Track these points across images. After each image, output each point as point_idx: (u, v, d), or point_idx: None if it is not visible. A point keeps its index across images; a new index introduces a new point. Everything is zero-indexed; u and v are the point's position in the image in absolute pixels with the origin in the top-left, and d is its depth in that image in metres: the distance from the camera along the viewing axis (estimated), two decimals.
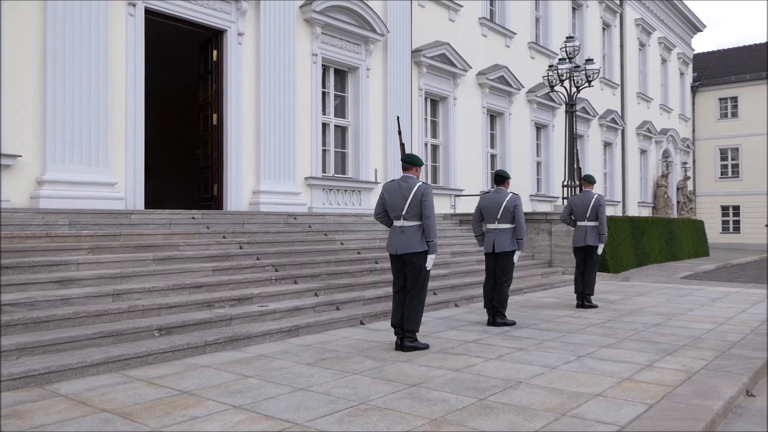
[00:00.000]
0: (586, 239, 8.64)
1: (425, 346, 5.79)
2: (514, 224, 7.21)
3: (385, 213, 5.91)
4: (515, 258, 7.28)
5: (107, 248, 6.94)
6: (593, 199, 8.64)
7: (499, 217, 7.19)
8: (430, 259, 5.73)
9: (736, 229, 32.29)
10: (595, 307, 8.60)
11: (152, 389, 4.38)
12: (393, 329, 5.84)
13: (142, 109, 8.85)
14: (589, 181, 8.96)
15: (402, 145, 6.40)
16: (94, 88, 8.14)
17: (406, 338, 5.72)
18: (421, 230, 5.70)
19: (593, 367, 5.07)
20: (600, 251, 8.71)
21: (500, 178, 7.42)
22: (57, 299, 5.59)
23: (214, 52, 10.21)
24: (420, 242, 5.69)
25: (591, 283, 8.69)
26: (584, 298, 8.65)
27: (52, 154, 7.74)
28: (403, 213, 5.70)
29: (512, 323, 7.15)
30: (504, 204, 7.17)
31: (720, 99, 33.10)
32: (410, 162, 5.87)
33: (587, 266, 8.69)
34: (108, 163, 8.30)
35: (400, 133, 6.61)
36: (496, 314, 7.16)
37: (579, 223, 8.78)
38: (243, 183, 10.20)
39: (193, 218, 8.64)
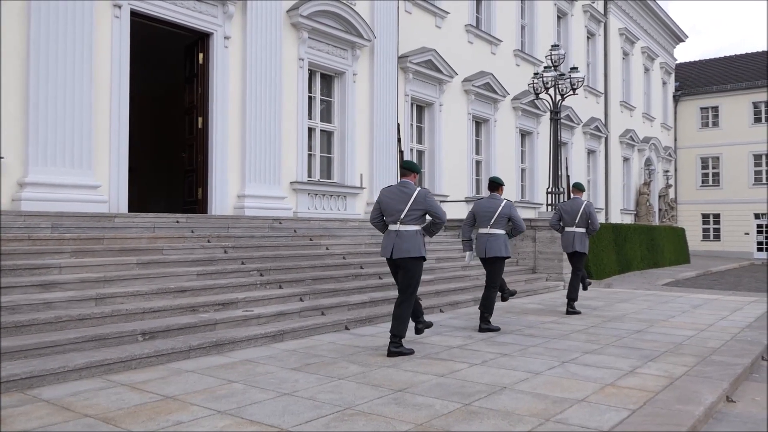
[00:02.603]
0: (574, 245, 8.79)
1: (410, 352, 5.82)
2: (506, 230, 7.35)
3: (381, 218, 5.97)
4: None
5: (90, 252, 6.87)
6: (582, 206, 8.81)
7: (492, 222, 7.29)
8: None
9: (717, 237, 32.73)
10: (579, 313, 8.67)
11: (136, 394, 4.34)
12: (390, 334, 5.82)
13: (126, 111, 8.79)
14: (579, 188, 9.15)
15: (401, 152, 6.52)
16: (78, 89, 8.07)
17: (392, 343, 5.75)
18: (418, 235, 5.78)
19: (577, 373, 5.11)
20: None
21: (495, 185, 7.55)
22: (39, 303, 5.52)
23: (200, 55, 10.17)
24: (416, 247, 5.76)
25: (575, 287, 8.80)
26: (567, 303, 8.72)
27: (34, 155, 7.65)
28: (402, 217, 5.76)
29: (497, 329, 7.20)
30: (499, 210, 7.28)
31: (701, 108, 33.59)
32: (409, 168, 5.99)
33: (574, 272, 8.86)
34: (91, 165, 8.22)
35: (399, 140, 6.71)
36: (481, 320, 7.21)
37: (567, 229, 8.90)
38: (228, 187, 10.15)
39: (178, 222, 8.58)
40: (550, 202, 14.12)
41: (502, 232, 7.32)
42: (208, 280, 7.24)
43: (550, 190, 14.15)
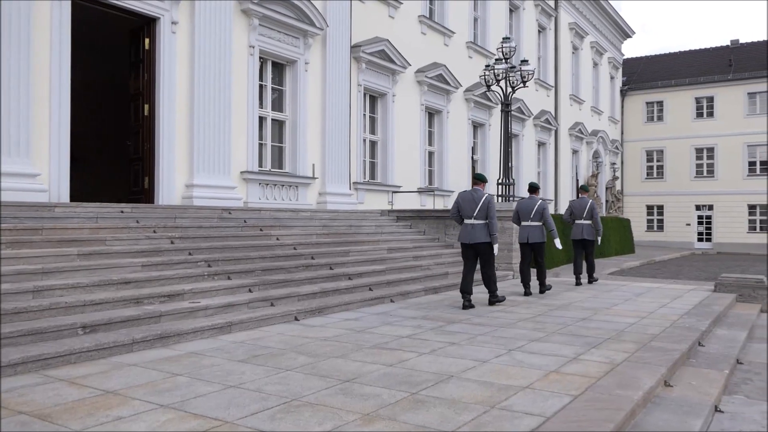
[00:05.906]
0: (583, 234, 11.31)
1: (503, 299, 8.60)
2: (543, 222, 9.71)
3: (458, 214, 8.33)
4: (557, 243, 9.84)
5: (27, 242, 6.61)
6: (588, 204, 11.43)
7: (531, 216, 9.73)
8: (496, 248, 8.24)
9: (660, 228, 33.87)
10: (596, 280, 11.57)
11: (74, 389, 4.21)
12: (461, 294, 8.19)
13: (67, 97, 8.47)
14: (584, 189, 12.19)
15: (474, 166, 7.95)
16: (14, 74, 7.72)
17: (491, 296, 8.43)
18: (486, 227, 8.16)
19: (522, 361, 5.21)
20: (599, 242, 11.56)
21: (533, 188, 10.19)
22: None
23: (146, 41, 9.88)
24: (485, 235, 8.16)
25: (592, 266, 11.50)
26: (589, 279, 11.43)
27: None
28: (474, 215, 8.16)
29: (549, 287, 9.91)
30: (535, 207, 9.74)
31: (647, 103, 34.61)
32: (479, 179, 8.47)
33: (587, 255, 11.40)
34: (29, 153, 7.90)
35: (473, 158, 7.91)
36: (540, 284, 9.74)
37: (577, 222, 11.44)
38: (175, 176, 9.92)
39: (122, 212, 8.35)
40: (500, 192, 14.31)
41: (539, 223, 9.70)
42: (153, 271, 7.07)
43: (500, 181, 14.34)
